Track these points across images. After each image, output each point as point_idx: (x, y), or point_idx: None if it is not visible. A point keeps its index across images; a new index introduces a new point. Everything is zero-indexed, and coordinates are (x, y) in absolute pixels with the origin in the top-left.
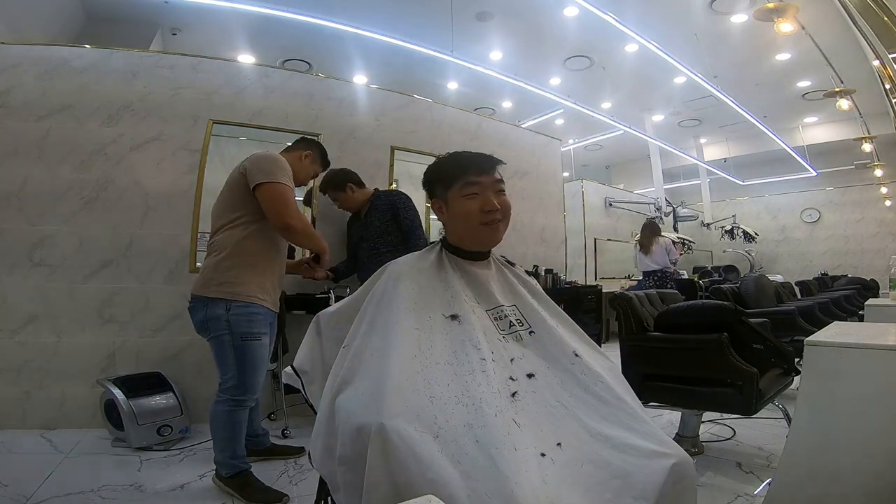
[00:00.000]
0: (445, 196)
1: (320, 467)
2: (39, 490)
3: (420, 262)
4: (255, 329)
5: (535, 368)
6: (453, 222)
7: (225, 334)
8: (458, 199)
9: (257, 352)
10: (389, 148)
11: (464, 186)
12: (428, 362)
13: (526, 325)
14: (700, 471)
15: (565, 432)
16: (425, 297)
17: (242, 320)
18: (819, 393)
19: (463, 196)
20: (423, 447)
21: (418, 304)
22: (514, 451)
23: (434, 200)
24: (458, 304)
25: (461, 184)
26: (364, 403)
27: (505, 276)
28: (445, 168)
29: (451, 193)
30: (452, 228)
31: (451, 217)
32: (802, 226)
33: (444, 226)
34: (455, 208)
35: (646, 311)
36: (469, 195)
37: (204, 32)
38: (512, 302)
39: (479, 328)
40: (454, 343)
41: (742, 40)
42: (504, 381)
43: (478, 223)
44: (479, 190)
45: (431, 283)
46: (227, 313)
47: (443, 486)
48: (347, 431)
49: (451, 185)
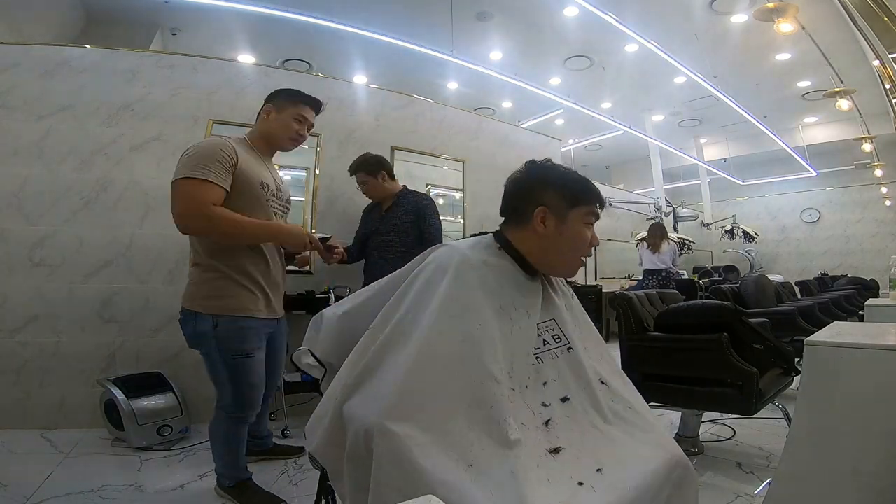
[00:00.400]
0: (565, 213)
1: (321, 454)
2: (39, 490)
3: (476, 255)
4: (245, 345)
5: (568, 391)
6: (559, 241)
7: (214, 352)
8: (578, 223)
9: (251, 368)
10: (389, 148)
11: (588, 214)
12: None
13: (564, 342)
14: (700, 471)
15: (604, 456)
16: (477, 300)
17: (232, 336)
18: (819, 393)
19: (584, 223)
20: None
21: (469, 306)
22: (548, 483)
23: (542, 208)
24: (507, 315)
25: (587, 210)
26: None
27: (546, 289)
28: (576, 184)
29: (573, 214)
30: (550, 246)
31: (560, 237)
32: (802, 226)
33: (525, 233)
34: (571, 231)
35: (646, 311)
36: (587, 224)
37: (204, 32)
38: (550, 316)
39: (521, 346)
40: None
41: (742, 40)
42: (537, 407)
43: (581, 255)
44: (593, 222)
45: (488, 285)
46: (214, 329)
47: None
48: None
49: (576, 204)
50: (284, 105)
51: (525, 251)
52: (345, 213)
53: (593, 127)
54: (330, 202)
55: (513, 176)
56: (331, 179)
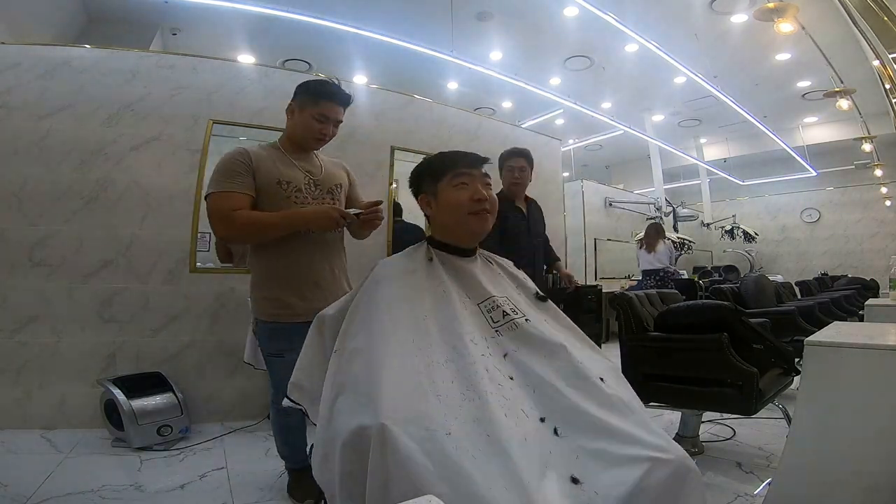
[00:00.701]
0: (435, 189)
1: (319, 477)
2: (39, 490)
3: (408, 261)
4: (275, 347)
5: (530, 360)
6: (442, 214)
7: (261, 348)
8: (448, 189)
9: (281, 367)
10: (389, 148)
11: (454, 177)
12: (429, 361)
13: (521, 314)
14: (700, 471)
15: (563, 420)
16: (417, 296)
17: (265, 338)
18: (819, 393)
19: (453, 186)
20: (437, 445)
21: (412, 304)
22: (525, 442)
23: (422, 196)
24: (450, 300)
25: (451, 175)
26: (364, 405)
27: (492, 270)
28: (435, 162)
29: (441, 185)
30: (441, 221)
31: (440, 208)
32: (802, 226)
33: (430, 221)
34: (444, 199)
35: (646, 311)
36: (459, 185)
37: (204, 32)
38: (502, 293)
39: (473, 323)
40: (452, 340)
41: (742, 40)
42: (504, 376)
43: (467, 212)
44: (468, 181)
45: (421, 281)
46: (256, 330)
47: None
48: (348, 438)
49: (440, 177)
50: (305, 103)
51: (438, 236)
52: None
53: (593, 127)
54: None
55: None
56: None
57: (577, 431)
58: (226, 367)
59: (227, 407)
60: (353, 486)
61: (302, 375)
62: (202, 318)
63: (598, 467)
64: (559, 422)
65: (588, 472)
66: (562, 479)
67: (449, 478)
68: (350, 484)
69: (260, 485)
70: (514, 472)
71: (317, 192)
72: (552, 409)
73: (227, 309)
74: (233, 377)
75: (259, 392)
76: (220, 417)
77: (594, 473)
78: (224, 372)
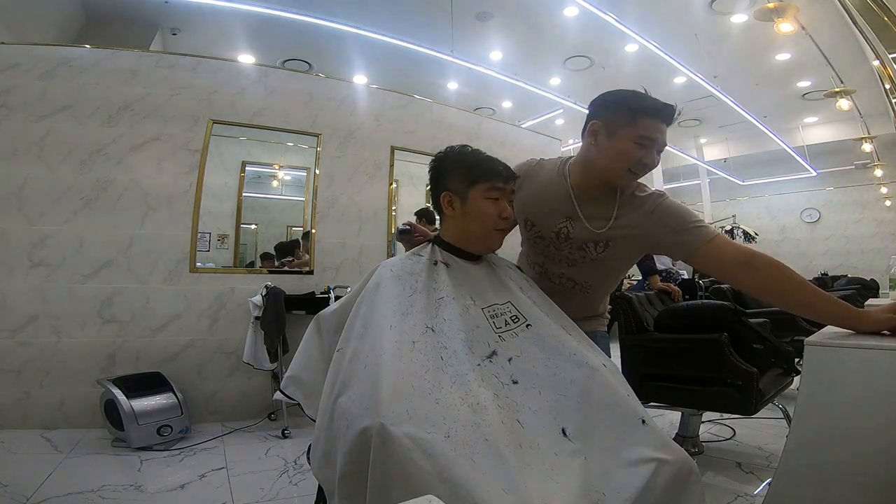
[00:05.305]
0: (466, 193)
1: (318, 473)
2: (39, 490)
3: (412, 262)
4: None
5: (534, 364)
6: (468, 221)
7: None
8: (480, 198)
9: None
10: (389, 148)
11: (490, 189)
12: (430, 363)
13: (522, 320)
14: (700, 471)
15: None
16: (420, 299)
17: None
18: (819, 393)
19: (485, 197)
20: (437, 447)
21: (414, 307)
22: (520, 448)
23: (446, 194)
24: (454, 304)
25: (488, 185)
26: (366, 406)
27: (497, 274)
28: (472, 165)
29: (474, 192)
30: (464, 227)
31: (468, 215)
32: (802, 226)
33: (445, 220)
34: (475, 207)
35: (646, 311)
36: (491, 198)
37: (204, 32)
38: (506, 299)
39: (477, 327)
40: (453, 344)
41: (742, 40)
42: (506, 381)
43: (492, 227)
44: (499, 195)
45: (425, 284)
46: None
47: (461, 484)
48: (350, 438)
49: (475, 183)
50: (619, 123)
51: (449, 238)
52: (345, 213)
53: None
54: (330, 202)
55: None
56: (331, 179)
57: (583, 433)
58: (226, 367)
59: (227, 407)
60: (353, 485)
61: (300, 370)
62: (202, 318)
63: (607, 468)
64: (565, 423)
65: (595, 473)
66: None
67: (449, 479)
68: (350, 484)
69: (260, 485)
70: (512, 475)
71: None
72: (558, 411)
73: (227, 309)
74: (233, 377)
75: (259, 392)
76: (220, 417)
77: (602, 474)
78: (224, 372)
